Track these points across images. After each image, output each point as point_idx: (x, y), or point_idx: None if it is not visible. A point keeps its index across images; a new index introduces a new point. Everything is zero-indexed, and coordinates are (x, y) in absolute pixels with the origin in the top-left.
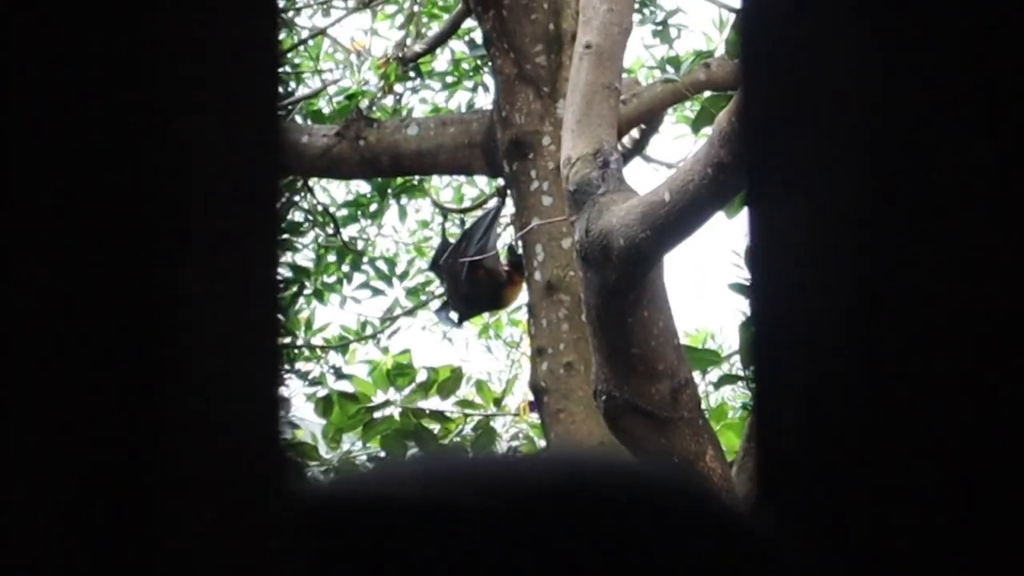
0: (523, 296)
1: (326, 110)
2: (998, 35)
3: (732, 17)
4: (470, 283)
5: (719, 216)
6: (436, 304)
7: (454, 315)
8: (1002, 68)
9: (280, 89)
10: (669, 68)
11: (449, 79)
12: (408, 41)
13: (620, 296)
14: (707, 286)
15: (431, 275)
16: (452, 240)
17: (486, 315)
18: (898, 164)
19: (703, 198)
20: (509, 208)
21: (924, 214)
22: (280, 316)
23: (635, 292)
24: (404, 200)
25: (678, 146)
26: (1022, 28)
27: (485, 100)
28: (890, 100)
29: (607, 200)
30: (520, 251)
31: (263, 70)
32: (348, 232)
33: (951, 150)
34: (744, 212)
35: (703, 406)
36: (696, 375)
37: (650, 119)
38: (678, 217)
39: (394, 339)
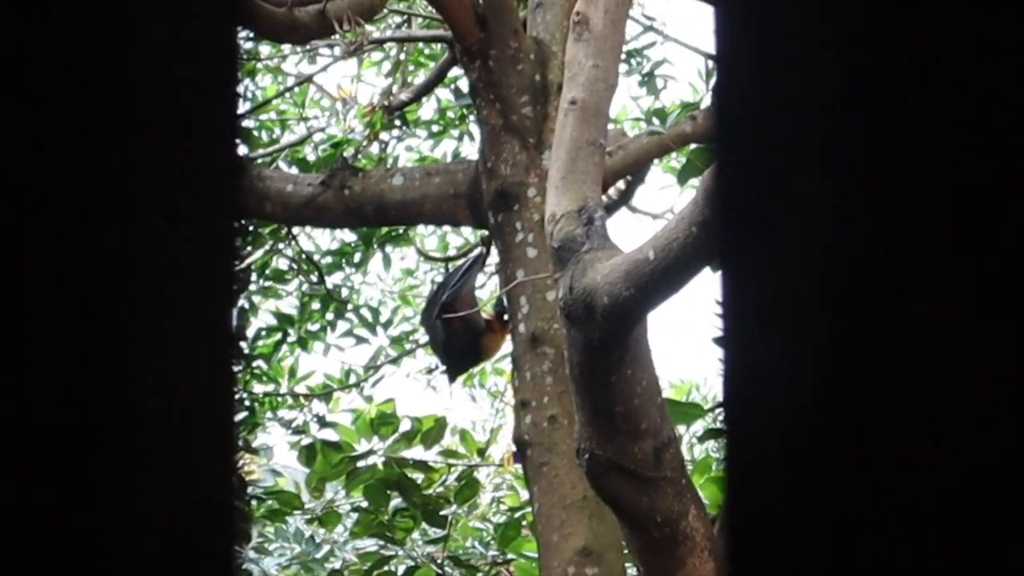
0: (507, 346)
1: (311, 157)
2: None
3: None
4: (446, 334)
5: (706, 269)
6: (421, 353)
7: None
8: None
9: (239, 134)
10: (655, 120)
11: (435, 128)
12: (394, 89)
13: (604, 354)
14: (692, 336)
15: (415, 324)
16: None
17: None
18: (862, 226)
19: (688, 256)
20: (494, 257)
21: (887, 272)
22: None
23: (619, 350)
24: (389, 248)
25: (664, 196)
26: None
27: (471, 149)
28: (857, 164)
29: (591, 257)
30: (505, 302)
31: (223, 110)
32: (332, 280)
33: (915, 208)
34: None
35: (687, 459)
36: (680, 428)
37: (636, 170)
38: (662, 275)
39: (378, 388)
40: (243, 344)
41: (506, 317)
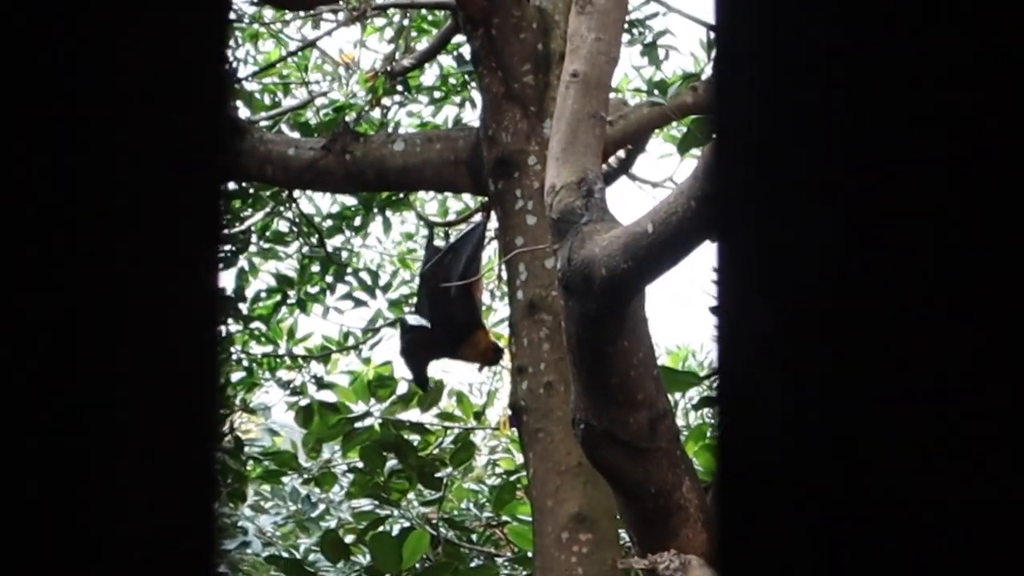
0: (504, 311)
1: (313, 121)
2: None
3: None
4: (443, 303)
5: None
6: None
7: (419, 321)
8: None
9: (228, 96)
10: (656, 92)
11: (437, 94)
12: (397, 55)
13: (601, 326)
14: (689, 302)
15: (414, 287)
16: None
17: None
18: (860, 197)
19: (686, 231)
20: (493, 223)
21: (883, 244)
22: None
23: (616, 322)
24: (389, 213)
25: (664, 165)
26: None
27: (472, 115)
28: (856, 134)
29: (590, 229)
30: (505, 272)
31: (210, 71)
32: (332, 243)
33: (914, 178)
34: None
35: (681, 426)
36: (676, 395)
37: (636, 140)
38: (661, 249)
39: (376, 350)
40: (242, 305)
41: (501, 346)
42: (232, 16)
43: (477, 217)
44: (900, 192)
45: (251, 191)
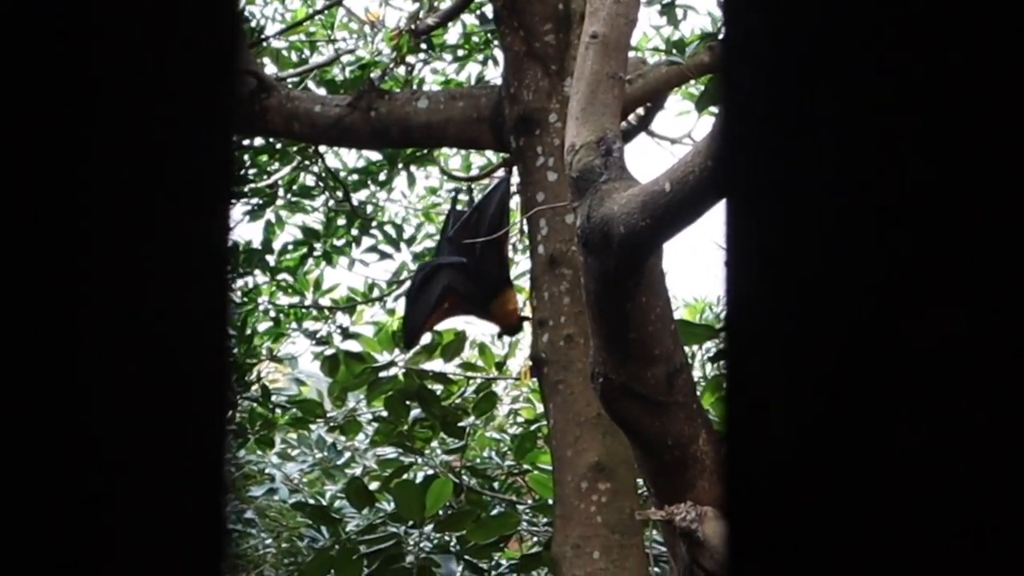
0: (525, 265)
1: (339, 79)
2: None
3: None
4: (479, 260)
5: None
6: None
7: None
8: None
9: (238, 51)
10: (674, 51)
11: (460, 52)
12: (421, 14)
13: (619, 282)
14: (706, 256)
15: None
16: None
17: None
18: (869, 158)
19: (703, 190)
20: (515, 178)
21: (893, 204)
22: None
23: (634, 279)
24: (413, 168)
25: (682, 122)
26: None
27: (495, 73)
28: (867, 94)
29: (609, 188)
30: (526, 226)
31: (219, 26)
32: (358, 197)
33: (926, 142)
34: None
35: (698, 378)
36: (693, 348)
37: (655, 98)
38: (678, 207)
39: (400, 301)
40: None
41: (525, 311)
42: None
43: (499, 172)
44: (915, 151)
45: (278, 146)
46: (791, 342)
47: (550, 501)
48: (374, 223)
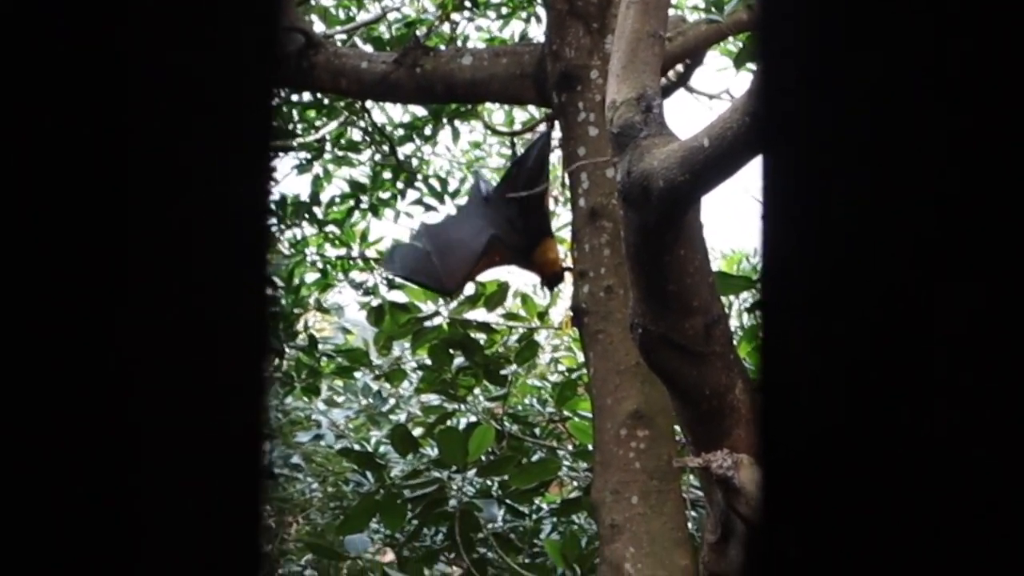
0: (567, 217)
1: (386, 36)
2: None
3: None
4: (520, 212)
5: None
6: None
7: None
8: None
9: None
10: (713, 9)
11: (504, 10)
12: None
13: (658, 236)
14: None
15: None
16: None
17: None
18: (904, 111)
19: (740, 145)
20: (556, 133)
21: (926, 160)
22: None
23: (673, 232)
24: (457, 122)
25: (721, 78)
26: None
27: (538, 31)
28: (904, 53)
29: (648, 144)
30: (568, 180)
31: None
32: (403, 151)
33: (954, 116)
34: None
35: (735, 327)
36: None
37: (694, 55)
38: (716, 162)
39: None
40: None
41: (566, 262)
42: None
43: (541, 127)
44: (953, 104)
45: (326, 102)
46: (825, 295)
47: (590, 447)
48: (419, 176)
